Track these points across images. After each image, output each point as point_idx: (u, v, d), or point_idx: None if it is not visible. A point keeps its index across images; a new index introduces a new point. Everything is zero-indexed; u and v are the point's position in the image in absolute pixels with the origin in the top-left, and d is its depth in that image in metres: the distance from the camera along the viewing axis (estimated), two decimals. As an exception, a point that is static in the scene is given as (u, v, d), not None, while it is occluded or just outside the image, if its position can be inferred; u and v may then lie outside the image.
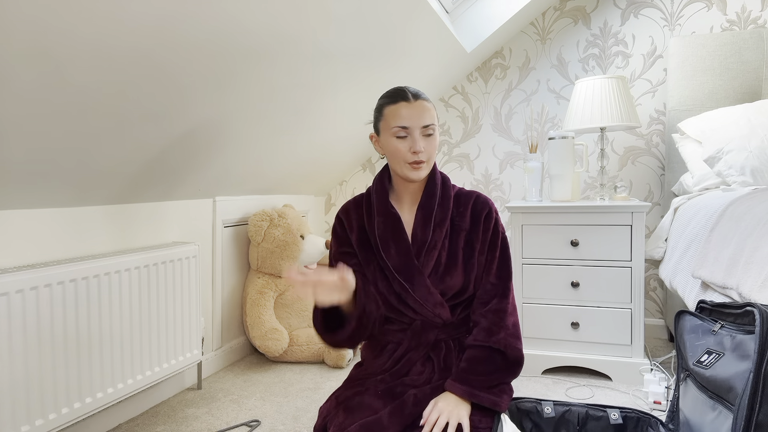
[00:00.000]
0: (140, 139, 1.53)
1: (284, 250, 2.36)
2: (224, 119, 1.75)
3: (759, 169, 1.93)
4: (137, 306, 1.71)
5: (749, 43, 2.35)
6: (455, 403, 1.05)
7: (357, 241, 1.20)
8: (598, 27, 2.67)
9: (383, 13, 1.82)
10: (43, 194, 1.46)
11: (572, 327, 2.09)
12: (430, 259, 1.15)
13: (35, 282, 1.37)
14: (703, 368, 1.00)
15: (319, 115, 2.21)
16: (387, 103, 1.16)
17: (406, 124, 1.12)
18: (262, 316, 2.30)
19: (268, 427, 1.71)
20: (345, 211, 1.23)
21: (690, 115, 2.40)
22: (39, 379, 1.38)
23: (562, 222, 2.09)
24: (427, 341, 1.16)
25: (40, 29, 1.02)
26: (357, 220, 1.21)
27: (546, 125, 2.77)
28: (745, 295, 1.17)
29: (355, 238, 1.20)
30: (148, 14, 1.16)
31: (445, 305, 1.15)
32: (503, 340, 1.10)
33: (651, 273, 2.64)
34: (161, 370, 1.81)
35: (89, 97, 1.26)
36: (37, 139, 1.26)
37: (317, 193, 3.13)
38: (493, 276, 1.17)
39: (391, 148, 1.14)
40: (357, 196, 1.25)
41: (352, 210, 1.23)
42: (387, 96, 1.17)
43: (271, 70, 1.69)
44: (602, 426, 1.12)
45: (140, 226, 1.86)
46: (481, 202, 1.21)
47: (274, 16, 1.46)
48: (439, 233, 1.16)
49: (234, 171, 2.14)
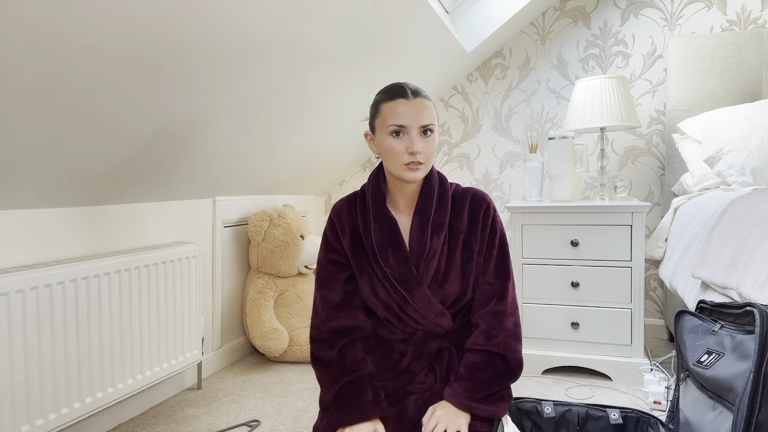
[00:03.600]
0: (141, 139, 1.53)
1: (284, 250, 2.36)
2: (224, 119, 1.75)
3: (759, 169, 1.92)
4: (137, 306, 1.71)
5: (749, 43, 2.35)
6: (454, 412, 1.03)
7: (349, 245, 1.14)
8: (598, 27, 2.67)
9: (383, 13, 1.82)
10: (43, 194, 1.46)
11: (572, 327, 2.09)
12: (429, 268, 1.10)
13: (35, 282, 1.37)
14: (703, 368, 1.00)
15: (319, 115, 2.21)
16: (384, 100, 1.08)
17: (404, 123, 1.05)
18: (262, 316, 2.30)
19: (268, 427, 1.71)
20: (337, 213, 1.17)
21: (690, 115, 2.40)
22: (39, 379, 1.38)
23: (562, 222, 2.09)
24: (429, 351, 1.14)
25: (40, 29, 1.02)
26: (350, 223, 1.15)
27: (546, 125, 2.77)
28: (745, 295, 1.17)
29: (348, 242, 1.14)
30: (149, 14, 1.16)
31: (446, 314, 1.11)
32: (503, 343, 1.08)
33: (651, 273, 2.64)
34: (161, 370, 1.81)
35: (89, 97, 1.26)
36: (36, 139, 1.26)
37: (317, 193, 3.13)
38: (491, 275, 1.13)
39: (386, 147, 1.07)
40: (350, 195, 1.19)
41: (345, 211, 1.16)
42: (384, 92, 1.10)
43: (271, 70, 1.69)
44: (602, 426, 1.12)
45: (140, 226, 1.85)
46: (478, 199, 1.15)
47: (274, 16, 1.46)
48: (437, 240, 1.10)
49: (234, 171, 2.14)
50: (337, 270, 1.15)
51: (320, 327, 1.13)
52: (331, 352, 1.10)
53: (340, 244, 1.15)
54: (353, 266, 1.14)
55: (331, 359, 1.10)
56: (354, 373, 1.07)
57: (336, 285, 1.14)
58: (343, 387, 1.06)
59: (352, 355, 1.10)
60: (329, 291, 1.14)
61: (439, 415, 1.03)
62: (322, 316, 1.14)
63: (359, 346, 1.12)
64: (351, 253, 1.14)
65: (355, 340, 1.12)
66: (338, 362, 1.09)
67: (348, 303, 1.13)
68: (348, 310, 1.13)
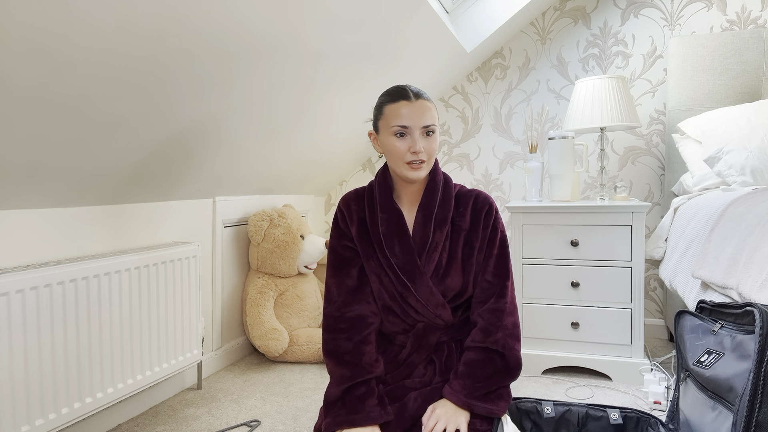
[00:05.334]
0: (140, 139, 1.53)
1: (284, 250, 2.36)
2: (224, 119, 1.75)
3: (759, 169, 1.92)
4: (137, 306, 1.71)
5: (749, 43, 2.35)
6: (453, 410, 1.05)
7: (357, 233, 1.18)
8: (598, 27, 2.67)
9: (383, 13, 1.82)
10: (44, 194, 1.46)
11: (572, 327, 2.09)
12: (431, 260, 1.14)
13: (35, 282, 1.37)
14: (703, 368, 1.00)
15: (319, 114, 2.21)
16: (387, 102, 1.14)
17: (407, 124, 1.10)
18: (262, 316, 2.30)
19: (268, 427, 1.71)
20: (346, 203, 1.22)
21: (690, 115, 2.40)
22: (39, 379, 1.38)
23: (562, 222, 2.09)
24: (429, 344, 1.16)
25: (41, 29, 1.02)
26: (357, 213, 1.20)
27: (546, 125, 2.77)
28: (745, 295, 1.17)
29: (355, 230, 1.19)
30: (150, 13, 1.16)
31: (446, 306, 1.14)
32: (501, 341, 1.09)
33: (651, 273, 2.64)
34: (161, 370, 1.81)
35: (88, 97, 1.26)
36: (35, 139, 1.26)
37: (317, 193, 3.13)
38: (490, 274, 1.15)
39: (390, 147, 1.13)
40: (358, 188, 1.24)
41: (353, 202, 1.21)
42: (387, 94, 1.15)
43: (271, 70, 1.69)
44: (602, 426, 1.12)
45: (140, 225, 1.86)
46: (481, 200, 1.19)
47: (274, 16, 1.46)
48: (440, 234, 1.15)
49: (234, 171, 2.14)
50: (352, 255, 1.19)
51: (335, 315, 1.15)
52: (348, 344, 1.12)
53: (348, 231, 1.19)
54: (360, 254, 1.18)
55: (346, 352, 1.11)
56: (367, 375, 1.09)
57: (353, 270, 1.18)
58: (354, 386, 1.08)
59: (369, 355, 1.11)
60: (346, 276, 1.17)
61: (439, 414, 1.04)
62: (338, 303, 1.16)
63: (374, 344, 1.14)
64: (358, 241, 1.18)
65: (370, 334, 1.14)
66: (353, 358, 1.10)
67: (362, 289, 1.17)
68: (363, 296, 1.16)
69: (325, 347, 1.15)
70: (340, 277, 1.18)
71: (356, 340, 1.12)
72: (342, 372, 1.10)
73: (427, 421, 1.04)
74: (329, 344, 1.14)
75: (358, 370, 1.09)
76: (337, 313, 1.15)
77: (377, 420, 1.04)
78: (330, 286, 1.18)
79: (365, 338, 1.13)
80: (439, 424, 1.02)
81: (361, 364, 1.10)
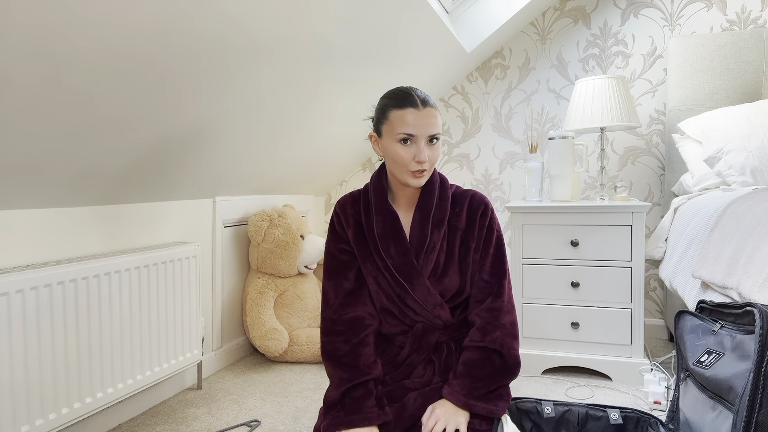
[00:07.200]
0: (141, 139, 1.53)
1: (284, 250, 2.36)
2: (224, 119, 1.75)
3: (759, 169, 1.92)
4: (137, 306, 1.71)
5: (749, 43, 2.35)
6: (453, 410, 1.05)
7: (353, 236, 1.18)
8: (598, 27, 2.67)
9: (383, 13, 1.82)
10: (44, 194, 1.46)
11: (572, 327, 2.09)
12: (429, 261, 1.13)
13: (35, 282, 1.37)
14: (703, 368, 1.00)
15: (319, 115, 2.21)
16: (393, 106, 1.10)
17: (413, 132, 1.07)
18: (262, 316, 2.30)
19: (268, 427, 1.71)
20: (341, 206, 1.21)
21: (690, 115, 2.40)
22: (39, 379, 1.38)
23: (562, 222, 2.09)
24: (428, 344, 1.16)
25: (41, 29, 1.02)
26: (354, 216, 1.19)
27: (546, 125, 2.77)
28: (745, 295, 1.17)
29: (352, 233, 1.18)
30: (150, 12, 1.16)
31: (445, 306, 1.14)
32: (499, 339, 1.09)
33: (651, 273, 2.63)
34: (161, 370, 1.81)
35: (89, 96, 1.26)
36: (35, 139, 1.26)
37: (317, 193, 3.13)
38: (486, 273, 1.15)
39: (393, 153, 1.10)
40: (354, 191, 1.23)
41: (349, 205, 1.21)
42: (393, 98, 1.11)
43: (271, 70, 1.69)
44: (602, 426, 1.12)
45: (140, 225, 1.86)
46: (477, 200, 1.19)
47: (274, 16, 1.46)
48: (437, 235, 1.14)
49: (234, 171, 2.14)
50: (349, 258, 1.18)
51: (333, 318, 1.15)
52: (345, 346, 1.12)
53: (345, 234, 1.19)
54: (357, 256, 1.18)
55: (344, 354, 1.11)
56: (365, 376, 1.09)
57: (350, 273, 1.18)
58: (352, 388, 1.08)
59: (366, 357, 1.11)
60: (344, 279, 1.17)
61: (439, 414, 1.04)
62: (335, 305, 1.16)
63: (372, 346, 1.14)
64: (355, 244, 1.18)
65: (367, 336, 1.14)
66: (351, 361, 1.11)
67: (360, 292, 1.17)
68: (360, 298, 1.16)
69: (323, 350, 1.15)
70: (337, 280, 1.17)
71: (353, 343, 1.12)
72: (340, 374, 1.10)
73: (427, 422, 1.04)
74: (327, 347, 1.14)
75: (355, 372, 1.09)
76: (335, 315, 1.15)
77: (375, 420, 1.04)
78: (327, 290, 1.18)
79: (362, 340, 1.13)
80: (439, 424, 1.02)
81: (358, 366, 1.10)
